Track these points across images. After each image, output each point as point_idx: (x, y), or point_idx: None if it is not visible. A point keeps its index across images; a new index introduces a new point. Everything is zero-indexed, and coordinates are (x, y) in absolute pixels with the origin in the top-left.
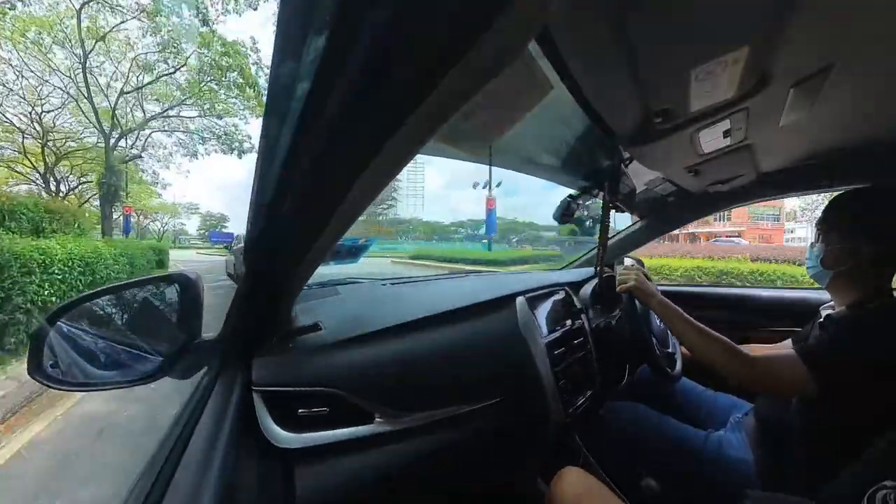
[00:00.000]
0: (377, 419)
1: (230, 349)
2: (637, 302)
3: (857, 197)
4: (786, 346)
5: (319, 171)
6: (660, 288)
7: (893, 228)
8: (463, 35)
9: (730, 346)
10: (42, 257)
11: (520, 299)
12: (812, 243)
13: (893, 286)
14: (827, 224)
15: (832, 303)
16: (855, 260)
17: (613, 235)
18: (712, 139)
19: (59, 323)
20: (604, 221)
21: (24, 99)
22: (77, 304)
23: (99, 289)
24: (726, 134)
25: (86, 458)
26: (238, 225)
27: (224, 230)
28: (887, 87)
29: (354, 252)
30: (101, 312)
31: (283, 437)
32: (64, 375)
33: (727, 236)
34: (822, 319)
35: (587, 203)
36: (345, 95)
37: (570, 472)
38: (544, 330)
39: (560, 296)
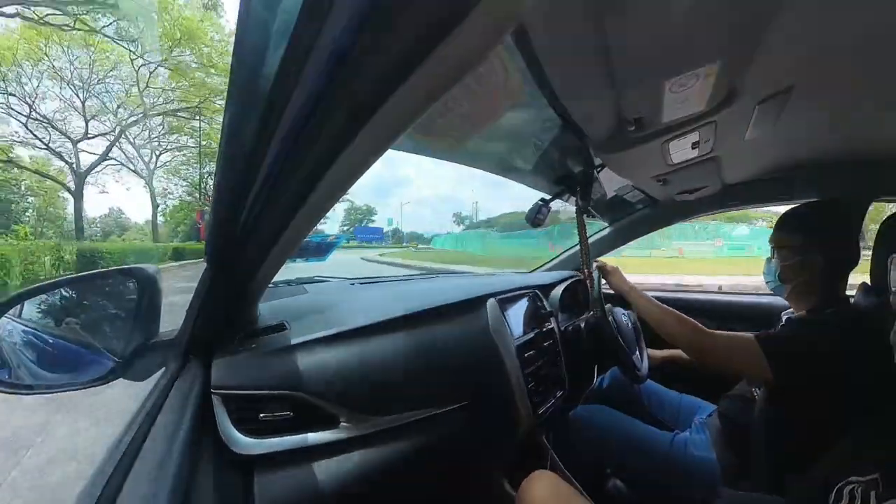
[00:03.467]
0: (342, 423)
1: (189, 349)
2: (603, 305)
3: (804, 212)
4: None
5: (286, 161)
6: None
7: (839, 238)
8: (434, 28)
9: (686, 319)
10: None
11: (491, 301)
12: (768, 258)
13: (849, 293)
14: (780, 241)
15: (792, 311)
16: (809, 271)
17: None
18: (681, 150)
19: (2, 319)
20: (581, 225)
21: None
22: (24, 298)
23: (48, 282)
24: (694, 145)
25: None
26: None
27: (371, 224)
28: (841, 108)
29: (323, 249)
30: (51, 308)
31: (244, 442)
32: (10, 377)
33: None
34: (783, 323)
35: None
36: (312, 86)
37: (539, 477)
38: (514, 332)
39: (530, 299)
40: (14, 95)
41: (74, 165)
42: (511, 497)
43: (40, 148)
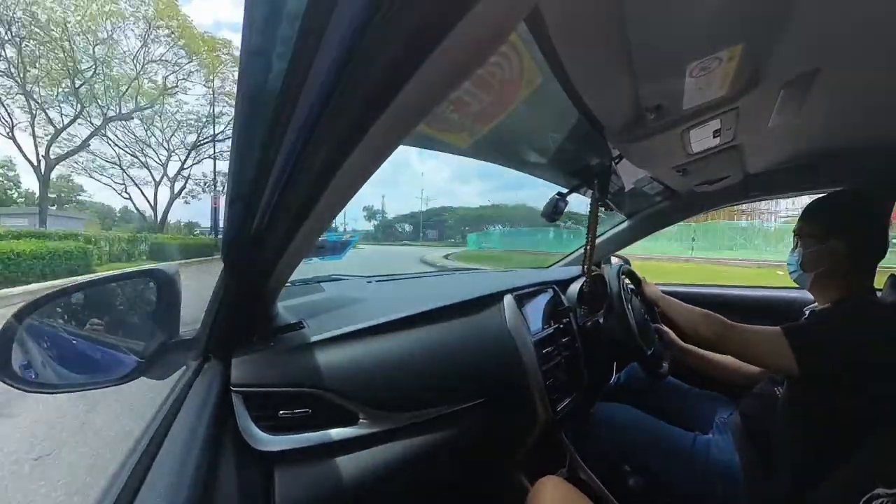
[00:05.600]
0: (361, 420)
1: (209, 348)
2: (624, 300)
3: (828, 201)
4: None
5: (298, 161)
6: None
7: (864, 228)
8: (443, 18)
9: (713, 315)
10: None
11: (508, 297)
12: (792, 249)
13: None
14: (803, 230)
15: (816, 304)
16: (832, 260)
17: (600, 234)
18: (702, 139)
19: (28, 320)
20: (592, 220)
21: None
22: (48, 300)
23: (71, 284)
24: (716, 133)
25: None
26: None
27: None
28: (870, 94)
29: (339, 248)
30: (74, 310)
31: (263, 439)
32: (37, 377)
33: None
34: (805, 317)
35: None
36: (323, 83)
37: (548, 483)
38: (532, 328)
39: (548, 294)
40: None
41: None
42: (527, 491)
43: None
